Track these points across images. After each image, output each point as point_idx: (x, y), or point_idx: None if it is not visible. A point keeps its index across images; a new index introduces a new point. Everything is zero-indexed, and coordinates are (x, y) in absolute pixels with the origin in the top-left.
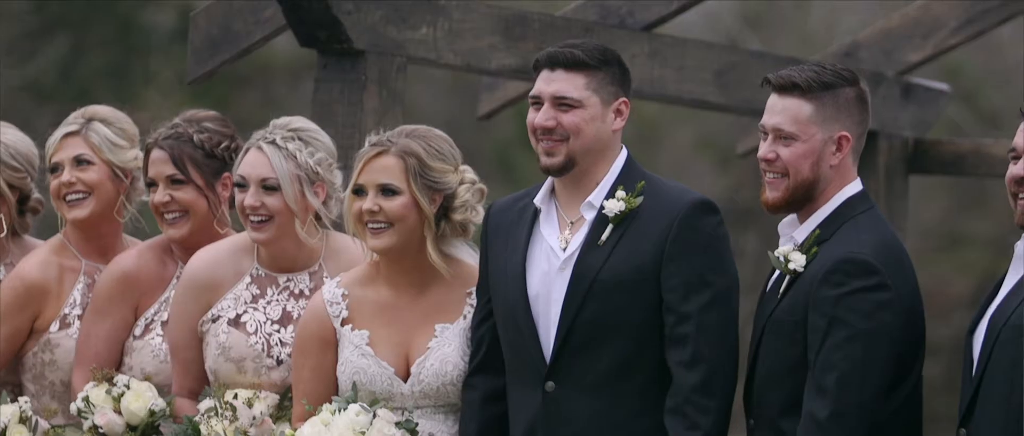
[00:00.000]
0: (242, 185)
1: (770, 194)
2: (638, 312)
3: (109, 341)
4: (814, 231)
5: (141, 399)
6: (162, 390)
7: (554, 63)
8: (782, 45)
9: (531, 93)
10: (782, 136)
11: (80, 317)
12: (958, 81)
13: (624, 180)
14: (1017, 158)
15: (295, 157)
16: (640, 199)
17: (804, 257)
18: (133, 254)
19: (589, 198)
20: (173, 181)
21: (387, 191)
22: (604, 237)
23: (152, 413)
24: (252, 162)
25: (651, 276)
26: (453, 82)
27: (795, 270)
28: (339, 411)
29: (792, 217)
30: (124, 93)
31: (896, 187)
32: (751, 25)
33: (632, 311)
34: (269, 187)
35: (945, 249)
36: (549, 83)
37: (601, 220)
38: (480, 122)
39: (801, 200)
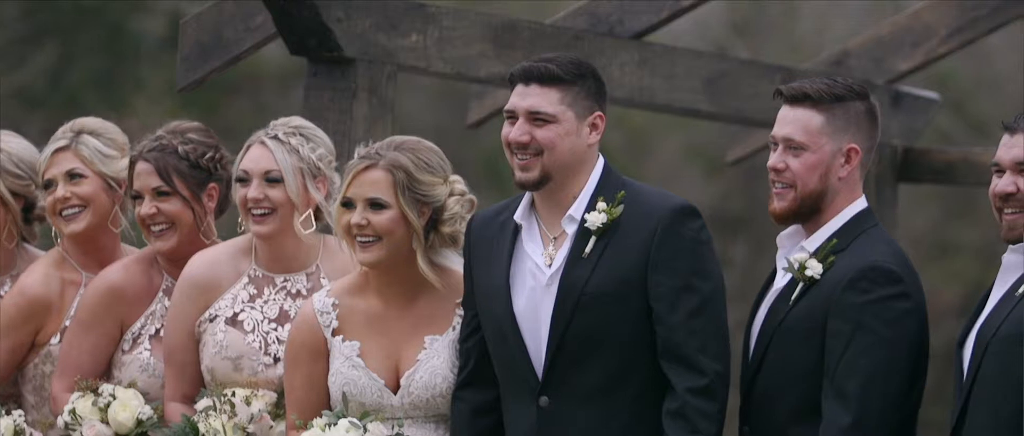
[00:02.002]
0: (244, 180)
1: (777, 204)
2: (627, 323)
3: (93, 354)
4: (830, 240)
5: (128, 409)
6: (149, 398)
7: (528, 78)
8: (771, 54)
9: (506, 107)
10: (792, 146)
11: None
12: (948, 90)
13: (603, 191)
14: (1001, 172)
15: (298, 151)
16: (620, 209)
17: (820, 265)
18: (119, 267)
19: (569, 212)
20: (159, 193)
21: (375, 205)
22: (587, 250)
23: (140, 422)
24: (255, 157)
25: (637, 287)
26: (443, 90)
27: (812, 277)
28: (329, 427)
29: (793, 229)
30: (113, 101)
31: (885, 195)
32: (740, 34)
33: (621, 323)
34: (272, 180)
35: (934, 258)
36: (524, 98)
37: (583, 233)
38: (469, 130)
39: (808, 211)
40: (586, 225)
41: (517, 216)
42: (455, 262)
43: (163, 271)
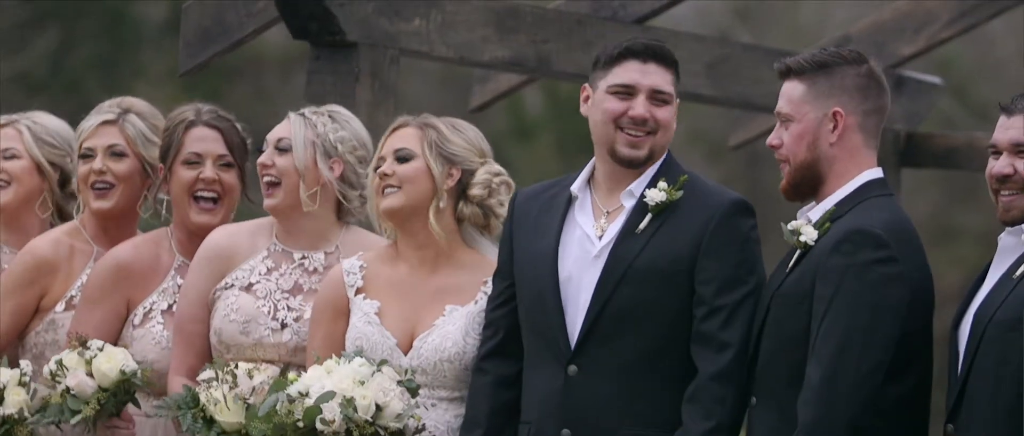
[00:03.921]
0: (261, 149)
1: (783, 181)
2: (669, 302)
3: (99, 330)
4: (830, 209)
5: (112, 360)
6: (160, 372)
7: (649, 55)
8: (773, 38)
9: (620, 82)
10: (783, 120)
11: None
12: (950, 74)
13: (666, 173)
14: (998, 153)
15: (315, 126)
16: (681, 193)
17: (816, 232)
18: (129, 245)
19: (630, 187)
20: (223, 164)
21: (401, 157)
22: (642, 226)
23: (123, 373)
24: (276, 129)
25: (685, 268)
26: (446, 74)
27: (806, 243)
28: (345, 362)
29: (810, 205)
30: (115, 86)
31: (888, 180)
32: (742, 18)
33: (663, 301)
34: (282, 148)
35: (937, 243)
36: (645, 75)
37: (640, 208)
38: (472, 114)
39: (807, 183)
40: (645, 200)
41: (574, 187)
42: (487, 248)
43: (174, 251)
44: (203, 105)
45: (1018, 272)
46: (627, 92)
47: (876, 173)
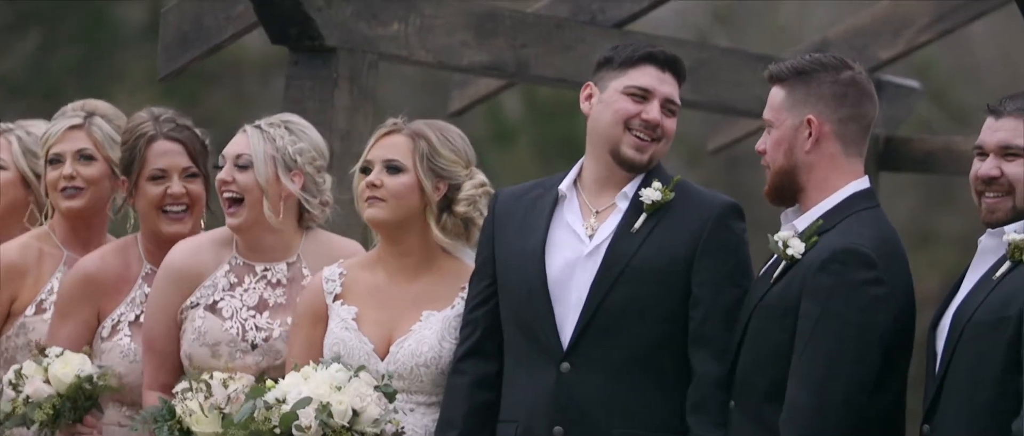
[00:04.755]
0: (220, 166)
1: (765, 185)
2: (665, 302)
3: (71, 341)
4: (817, 221)
5: (68, 365)
6: (129, 385)
7: (668, 65)
8: (752, 42)
9: (638, 84)
10: (767, 126)
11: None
12: (929, 78)
13: (657, 174)
14: (983, 155)
15: (274, 140)
16: (673, 194)
17: (803, 245)
18: (96, 255)
19: (624, 189)
20: (189, 175)
21: (392, 168)
22: (637, 225)
23: (78, 377)
24: (233, 142)
25: (681, 268)
26: (424, 78)
27: (792, 256)
28: (322, 367)
29: (795, 209)
30: (94, 89)
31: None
32: (721, 22)
33: (659, 300)
34: (242, 165)
35: (915, 247)
36: (662, 83)
37: (634, 208)
38: (451, 119)
39: (787, 188)
40: (640, 199)
41: (563, 186)
42: (465, 255)
43: (142, 259)
44: (160, 112)
45: (998, 273)
46: (643, 96)
47: (862, 184)
